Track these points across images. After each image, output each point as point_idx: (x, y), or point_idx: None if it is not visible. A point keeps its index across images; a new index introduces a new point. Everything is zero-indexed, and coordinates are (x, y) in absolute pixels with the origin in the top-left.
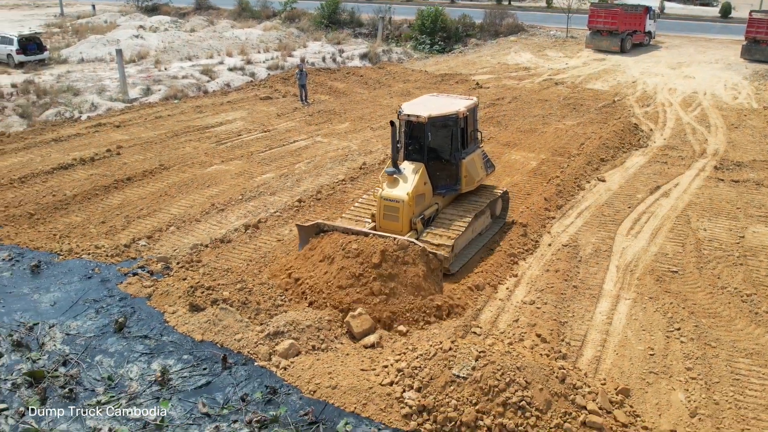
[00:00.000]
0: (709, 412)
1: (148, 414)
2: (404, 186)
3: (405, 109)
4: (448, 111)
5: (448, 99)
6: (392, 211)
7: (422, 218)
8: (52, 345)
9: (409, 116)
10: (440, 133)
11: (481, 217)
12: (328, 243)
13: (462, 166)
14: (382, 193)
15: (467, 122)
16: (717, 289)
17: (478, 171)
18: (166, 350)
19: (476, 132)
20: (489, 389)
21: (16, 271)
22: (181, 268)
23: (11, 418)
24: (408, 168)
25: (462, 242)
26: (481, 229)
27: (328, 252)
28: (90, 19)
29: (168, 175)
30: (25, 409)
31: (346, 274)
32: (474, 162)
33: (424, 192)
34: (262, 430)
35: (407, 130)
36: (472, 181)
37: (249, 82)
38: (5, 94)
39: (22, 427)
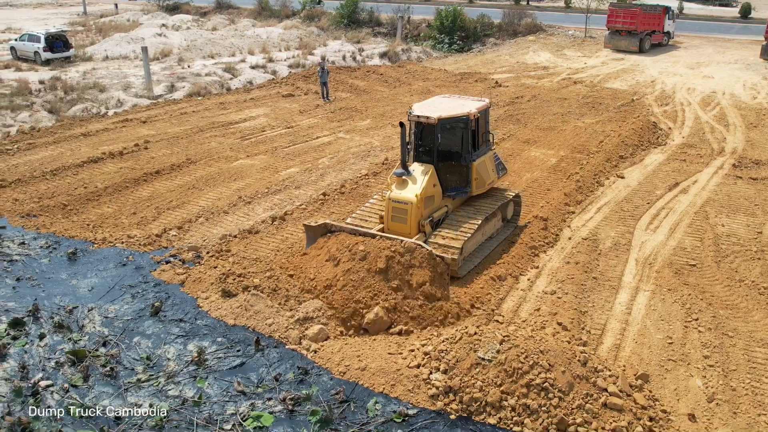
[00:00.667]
0: (727, 397)
1: (186, 392)
2: (413, 188)
3: (415, 109)
4: (459, 112)
5: (460, 100)
6: (400, 213)
7: (431, 220)
8: (91, 327)
9: (419, 117)
10: (450, 135)
11: (492, 220)
12: (335, 243)
13: (472, 169)
14: (390, 194)
15: (478, 124)
16: (735, 282)
17: (490, 173)
18: (200, 333)
19: (488, 134)
20: (513, 371)
21: (54, 258)
22: (211, 257)
23: (56, 393)
24: (417, 169)
25: (471, 245)
26: (492, 233)
27: (334, 252)
28: (113, 18)
29: (195, 169)
30: (69, 385)
31: (351, 277)
32: (485, 164)
33: (434, 194)
34: (295, 408)
35: (417, 131)
36: (483, 184)
37: (271, 79)
38: (33, 90)
39: (67, 402)
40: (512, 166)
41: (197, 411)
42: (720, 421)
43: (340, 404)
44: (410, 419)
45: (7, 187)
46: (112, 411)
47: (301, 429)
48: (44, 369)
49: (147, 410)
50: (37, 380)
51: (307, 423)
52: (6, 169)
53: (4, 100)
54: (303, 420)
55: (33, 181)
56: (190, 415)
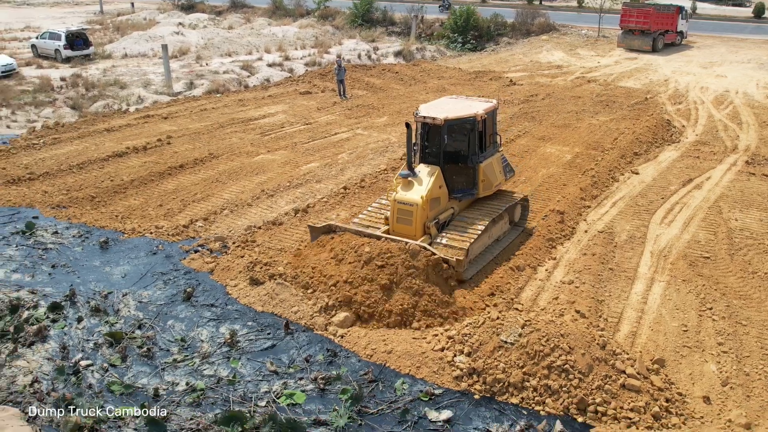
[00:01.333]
0: (740, 382)
1: (221, 371)
2: (418, 189)
3: (422, 110)
4: (466, 114)
5: (467, 101)
6: (406, 214)
7: (437, 222)
8: (126, 311)
9: (425, 118)
10: (457, 136)
11: (499, 222)
12: (340, 243)
13: (479, 170)
14: (395, 196)
15: (485, 125)
16: (748, 274)
17: (497, 175)
18: (231, 317)
19: (495, 135)
20: (534, 354)
21: (87, 246)
22: (237, 247)
23: (96, 372)
24: (423, 171)
25: (477, 248)
26: (499, 235)
27: (339, 252)
28: (130, 16)
29: (217, 164)
30: (108, 365)
31: (354, 277)
32: (492, 166)
33: (439, 196)
34: (327, 386)
35: (423, 132)
36: (490, 186)
37: (287, 77)
38: (55, 87)
39: (108, 380)
40: (528, 161)
41: (232, 389)
42: (734, 403)
43: (369, 384)
44: (436, 398)
45: (35, 180)
46: (150, 388)
47: (332, 406)
48: (83, 350)
49: (184, 388)
50: (78, 360)
51: (338, 401)
52: (33, 163)
53: (28, 97)
54: (334, 398)
55: (60, 174)
56: (226, 392)
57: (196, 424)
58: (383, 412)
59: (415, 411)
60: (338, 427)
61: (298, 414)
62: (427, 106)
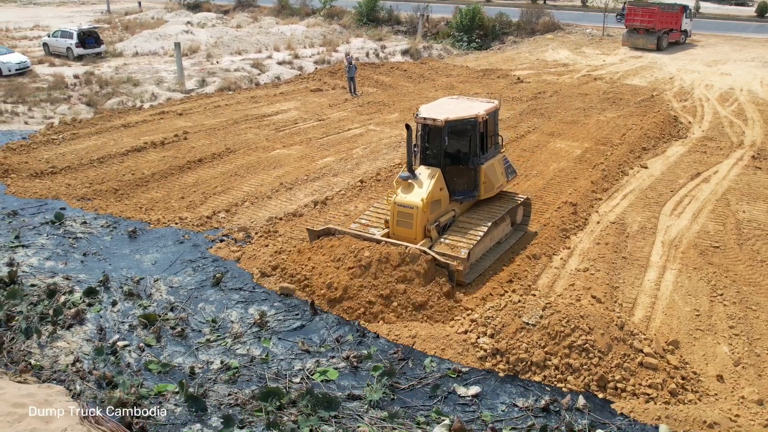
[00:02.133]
0: (752, 362)
1: (253, 350)
2: (419, 192)
3: (422, 111)
4: (467, 115)
5: (468, 102)
6: (406, 217)
7: (437, 225)
8: (158, 295)
9: (425, 119)
10: (458, 138)
11: (501, 224)
12: (341, 246)
13: (481, 172)
14: (395, 198)
15: (487, 126)
16: (756, 262)
17: (498, 177)
18: (259, 299)
19: (497, 136)
20: (556, 334)
21: (115, 235)
22: (260, 237)
23: (133, 352)
24: (424, 173)
25: (479, 251)
26: (501, 238)
27: (339, 255)
28: (138, 16)
29: (235, 158)
30: (145, 345)
31: (354, 282)
32: (494, 167)
33: (440, 198)
34: (359, 364)
35: (424, 133)
36: (492, 188)
37: (297, 75)
38: (69, 84)
39: (145, 359)
40: (539, 156)
41: (266, 367)
42: (746, 381)
43: (399, 362)
44: (463, 375)
45: (58, 174)
46: (186, 367)
47: (365, 382)
48: (119, 331)
49: (219, 366)
50: (115, 341)
51: (371, 377)
52: (54, 157)
53: (43, 94)
54: (366, 375)
55: (82, 168)
56: (260, 370)
57: (234, 399)
58: (414, 388)
59: (445, 387)
60: (372, 401)
61: (332, 390)
62: (427, 106)
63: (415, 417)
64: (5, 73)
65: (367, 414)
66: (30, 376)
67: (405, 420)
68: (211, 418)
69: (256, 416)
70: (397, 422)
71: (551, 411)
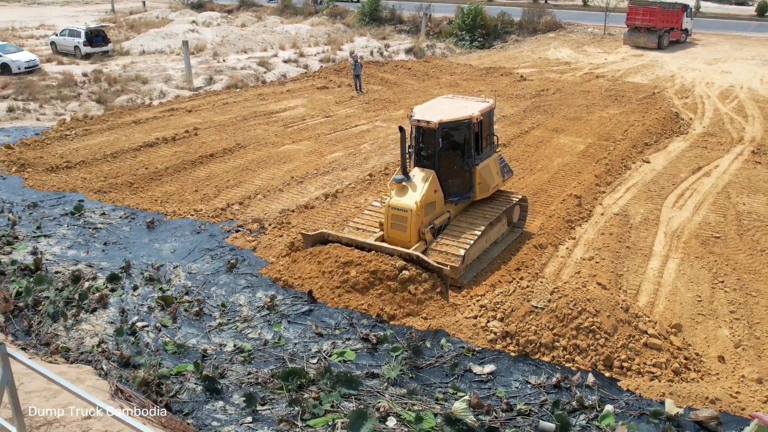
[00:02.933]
0: (751, 344)
1: (264, 334)
2: (413, 195)
3: (416, 113)
4: (461, 116)
5: (463, 102)
6: (400, 220)
7: (432, 228)
8: (177, 281)
9: (419, 121)
10: (452, 139)
11: (497, 225)
12: (327, 257)
13: (476, 173)
14: (389, 201)
15: (482, 127)
16: (756, 251)
17: (494, 177)
18: (267, 282)
19: (491, 136)
20: (563, 317)
21: (134, 226)
22: (274, 228)
23: (151, 332)
24: (418, 175)
25: (474, 252)
26: (497, 238)
27: (326, 269)
28: (142, 15)
29: (245, 153)
30: (161, 325)
31: (343, 299)
32: (489, 168)
33: (435, 200)
34: (377, 344)
35: (418, 135)
36: (487, 188)
37: (303, 73)
38: (78, 82)
39: (162, 339)
40: (543, 151)
41: (280, 350)
42: (746, 362)
43: (417, 341)
44: (478, 354)
45: (73, 168)
46: (200, 348)
47: (383, 361)
48: (139, 313)
49: (232, 349)
50: (134, 322)
51: (389, 356)
52: (68, 152)
53: (53, 91)
54: (384, 355)
55: (96, 162)
56: (274, 352)
57: (255, 378)
58: (432, 366)
59: (461, 365)
60: (390, 379)
61: (351, 369)
62: (421, 108)
63: (434, 393)
64: (15, 71)
65: (386, 391)
66: (59, 357)
67: (423, 396)
68: (231, 396)
69: (277, 394)
70: (416, 398)
71: (562, 388)
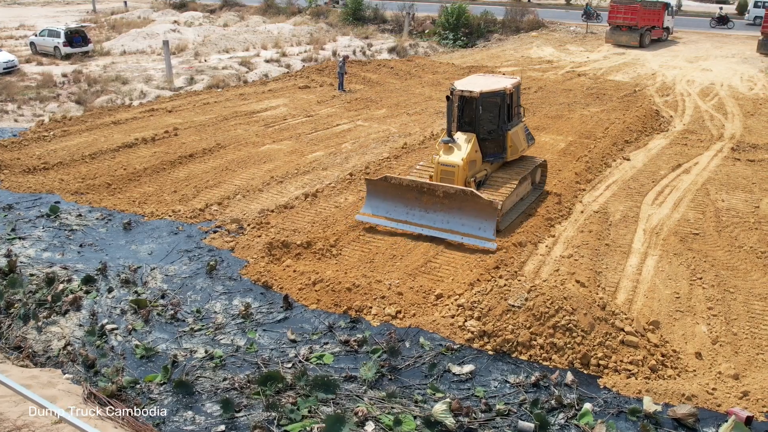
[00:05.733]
0: (729, 340)
1: (237, 341)
2: (458, 153)
3: (458, 85)
4: (498, 87)
5: (495, 78)
6: (448, 174)
7: (474, 180)
8: (153, 283)
9: (462, 92)
10: (490, 107)
11: (524, 183)
12: (304, 266)
13: (507, 137)
14: (439, 159)
15: (512, 98)
16: (735, 248)
17: (522, 142)
18: (245, 287)
19: (519, 107)
20: (540, 315)
21: (111, 228)
22: (253, 228)
23: (120, 335)
24: (461, 138)
25: (509, 204)
26: (524, 194)
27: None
28: (124, 15)
29: (225, 153)
30: (132, 329)
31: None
32: (518, 134)
33: (476, 159)
34: (360, 347)
35: (460, 104)
36: (516, 151)
37: (285, 73)
38: (58, 83)
39: (129, 344)
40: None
41: (254, 356)
42: (723, 358)
43: (396, 342)
44: (456, 353)
45: (50, 170)
46: (170, 354)
47: (361, 364)
48: (110, 315)
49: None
50: (104, 324)
51: (368, 358)
52: (46, 154)
53: (32, 92)
54: (363, 357)
55: (74, 163)
56: (249, 358)
57: (230, 384)
58: (411, 367)
59: (440, 366)
60: (369, 381)
61: (329, 372)
62: (461, 82)
63: (413, 395)
64: None
65: (365, 394)
66: (30, 362)
67: (402, 399)
68: (205, 404)
69: (253, 399)
70: (395, 401)
71: (541, 386)
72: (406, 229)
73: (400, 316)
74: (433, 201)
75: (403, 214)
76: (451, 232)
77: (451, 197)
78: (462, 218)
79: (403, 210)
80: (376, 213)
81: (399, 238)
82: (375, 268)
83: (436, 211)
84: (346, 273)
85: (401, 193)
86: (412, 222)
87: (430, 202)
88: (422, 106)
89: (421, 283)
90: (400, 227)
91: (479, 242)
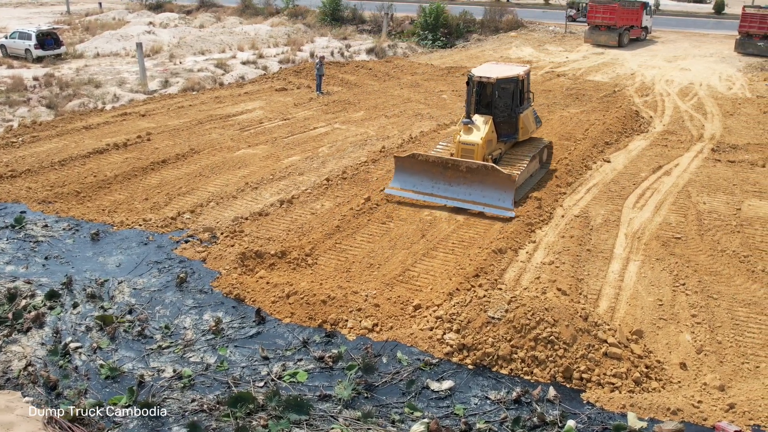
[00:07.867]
0: (713, 349)
1: (207, 358)
2: (477, 133)
3: (475, 72)
4: (512, 74)
5: (507, 66)
6: (468, 153)
7: (491, 157)
8: (121, 297)
9: (480, 78)
10: (504, 92)
11: (534, 161)
12: (278, 277)
13: (519, 119)
14: (459, 138)
15: (524, 84)
16: (717, 252)
17: (531, 124)
18: (216, 300)
19: (529, 93)
20: (521, 327)
21: (78, 238)
22: (226, 237)
23: (84, 354)
24: (479, 119)
25: (521, 179)
26: (533, 172)
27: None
28: (99, 16)
29: (199, 158)
30: (97, 347)
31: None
32: (528, 116)
33: (492, 138)
34: (335, 363)
35: (478, 89)
36: (527, 132)
37: (262, 75)
38: (28, 86)
39: (94, 363)
40: None
41: (225, 374)
42: (708, 368)
43: (372, 358)
44: (434, 368)
45: (18, 177)
46: (136, 374)
47: (336, 381)
48: (75, 333)
49: (171, 374)
50: (67, 343)
51: (343, 375)
52: (14, 161)
53: (1, 97)
54: (338, 374)
55: (42, 171)
56: (219, 377)
57: (199, 406)
58: (388, 384)
59: (418, 382)
60: (344, 401)
61: (302, 391)
62: (478, 69)
63: (390, 415)
64: None
65: (340, 415)
66: None
67: (379, 419)
68: (172, 428)
69: (222, 422)
70: (371, 422)
71: (523, 402)
72: (431, 201)
73: (377, 329)
74: (457, 175)
75: (428, 188)
76: (473, 203)
77: (473, 171)
78: (483, 190)
79: (429, 183)
80: (404, 187)
81: (376, 246)
82: (351, 278)
83: (459, 184)
84: (322, 284)
85: (427, 168)
86: (437, 194)
87: (453, 176)
88: (401, 108)
89: (399, 294)
90: (427, 199)
91: (499, 211)
